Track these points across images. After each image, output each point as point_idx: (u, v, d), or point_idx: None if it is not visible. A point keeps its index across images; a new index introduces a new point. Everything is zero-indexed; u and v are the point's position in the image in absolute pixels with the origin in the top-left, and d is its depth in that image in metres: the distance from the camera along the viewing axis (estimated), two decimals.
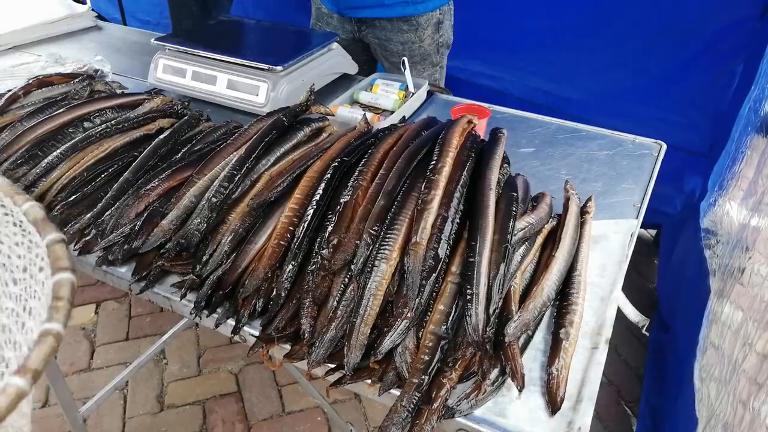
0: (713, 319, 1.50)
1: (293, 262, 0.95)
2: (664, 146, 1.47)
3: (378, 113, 1.56)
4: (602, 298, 1.03)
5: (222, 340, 2.35)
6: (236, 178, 1.08)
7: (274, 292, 0.95)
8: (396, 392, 0.83)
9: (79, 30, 2.16)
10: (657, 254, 2.69)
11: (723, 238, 1.74)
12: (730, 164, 1.93)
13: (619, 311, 1.65)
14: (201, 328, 2.41)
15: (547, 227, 1.09)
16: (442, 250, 0.90)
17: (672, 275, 2.32)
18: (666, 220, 2.58)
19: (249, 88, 1.55)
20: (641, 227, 1.22)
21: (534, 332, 0.94)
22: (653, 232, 2.86)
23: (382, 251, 0.90)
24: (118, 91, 1.57)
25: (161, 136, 1.29)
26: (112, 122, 1.31)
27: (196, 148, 1.27)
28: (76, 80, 1.51)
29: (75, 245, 1.07)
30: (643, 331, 2.24)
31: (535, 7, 2.53)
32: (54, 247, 0.32)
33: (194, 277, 1.00)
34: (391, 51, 1.97)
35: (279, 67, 1.53)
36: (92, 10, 2.30)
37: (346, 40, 2.00)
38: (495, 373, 0.84)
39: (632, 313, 2.36)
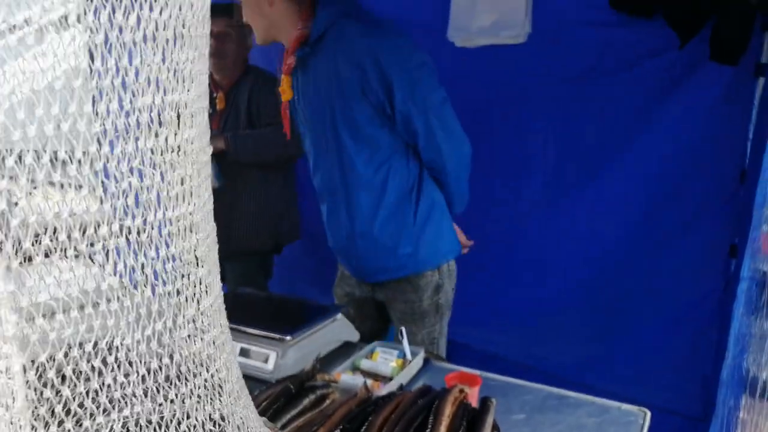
0: None
1: None
2: (649, 414, 1.54)
3: (378, 380, 1.67)
4: None
5: None
6: None
7: None
8: None
9: None
10: None
11: None
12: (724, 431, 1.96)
13: None
14: None
15: None
16: None
17: None
18: None
19: (259, 356, 1.69)
20: None
21: None
22: None
23: None
24: None
25: None
26: None
27: None
28: None
29: None
30: None
31: (529, 273, 2.79)
32: None
33: None
34: (397, 309, 2.19)
35: (288, 337, 1.69)
36: None
37: (363, 299, 2.26)
38: None
39: None
